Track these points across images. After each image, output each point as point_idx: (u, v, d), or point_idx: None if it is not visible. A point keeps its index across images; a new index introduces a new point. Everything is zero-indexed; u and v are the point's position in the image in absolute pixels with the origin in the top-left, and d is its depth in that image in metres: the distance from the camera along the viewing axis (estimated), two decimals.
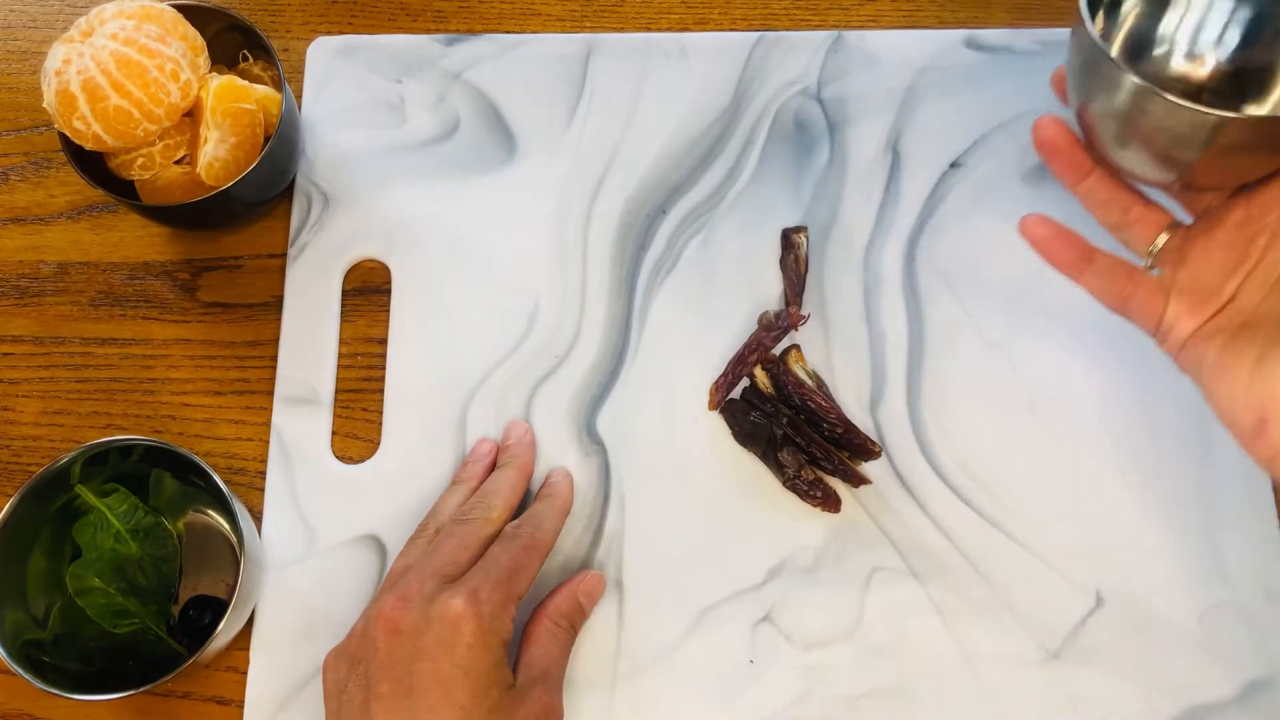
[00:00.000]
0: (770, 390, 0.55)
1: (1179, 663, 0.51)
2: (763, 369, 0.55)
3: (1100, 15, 0.48)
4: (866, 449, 0.53)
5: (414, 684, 0.44)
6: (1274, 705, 0.51)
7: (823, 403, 0.54)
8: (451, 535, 0.49)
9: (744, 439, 0.55)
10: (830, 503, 0.53)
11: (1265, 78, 0.47)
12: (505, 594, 0.47)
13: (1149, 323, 0.46)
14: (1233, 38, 0.48)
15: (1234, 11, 0.47)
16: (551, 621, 0.50)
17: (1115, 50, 0.49)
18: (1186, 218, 0.47)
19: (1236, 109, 0.44)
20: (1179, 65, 0.49)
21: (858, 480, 0.53)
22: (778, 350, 0.56)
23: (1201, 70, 0.48)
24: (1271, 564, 0.53)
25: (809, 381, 0.55)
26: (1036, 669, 0.52)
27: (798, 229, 0.58)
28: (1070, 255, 0.47)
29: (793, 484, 0.53)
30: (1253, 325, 0.42)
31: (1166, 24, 0.48)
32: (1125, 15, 0.49)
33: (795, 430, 0.54)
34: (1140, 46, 0.49)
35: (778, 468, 0.54)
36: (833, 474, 0.54)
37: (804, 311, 0.57)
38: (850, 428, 0.54)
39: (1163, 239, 0.46)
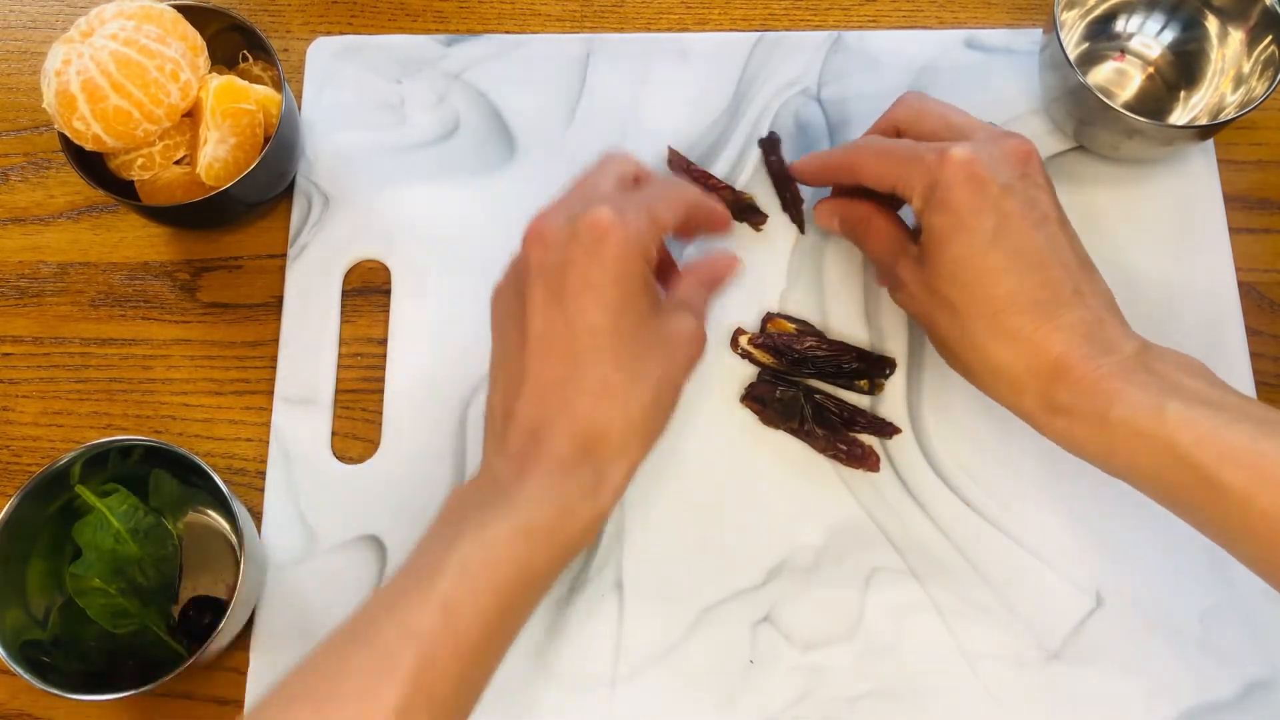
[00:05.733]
0: (774, 362, 0.55)
1: (1179, 663, 0.52)
2: (755, 347, 0.55)
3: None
4: (885, 427, 0.55)
5: (565, 287, 0.44)
6: (1274, 705, 0.51)
7: (826, 350, 0.55)
8: (583, 178, 0.50)
9: (775, 419, 0.55)
10: (870, 461, 0.54)
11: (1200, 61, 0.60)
12: (650, 216, 0.47)
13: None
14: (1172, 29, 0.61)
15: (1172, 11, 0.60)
16: (694, 279, 0.51)
17: (1082, 29, 0.61)
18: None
19: (1175, 96, 0.60)
20: (1134, 45, 0.61)
21: (890, 431, 0.54)
22: (751, 331, 0.57)
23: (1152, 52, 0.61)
24: None
25: (804, 333, 0.56)
26: (1036, 669, 0.52)
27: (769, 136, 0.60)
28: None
29: (833, 450, 0.54)
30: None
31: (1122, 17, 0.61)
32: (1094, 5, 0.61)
33: (824, 396, 0.55)
34: (1107, 21, 0.61)
35: (811, 438, 0.54)
36: (865, 430, 0.54)
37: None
38: (863, 354, 0.55)
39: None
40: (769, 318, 0.56)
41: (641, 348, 0.45)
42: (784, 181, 0.59)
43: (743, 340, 0.56)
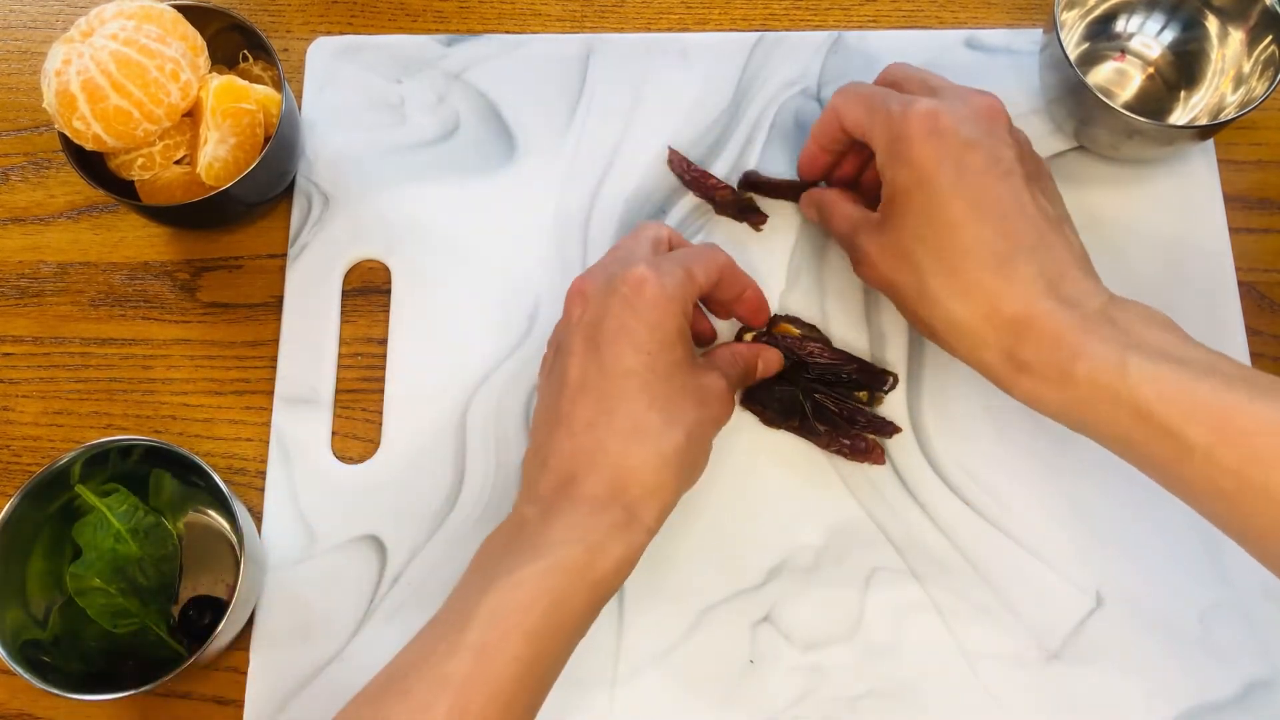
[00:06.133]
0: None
1: (1179, 663, 0.52)
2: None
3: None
4: (885, 426, 0.55)
5: (601, 339, 0.46)
6: (1274, 705, 0.51)
7: (828, 356, 0.55)
8: (620, 243, 0.51)
9: (776, 420, 0.55)
10: (874, 454, 0.54)
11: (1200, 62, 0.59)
12: (686, 272, 0.48)
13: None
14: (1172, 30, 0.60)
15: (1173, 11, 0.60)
16: (730, 352, 0.52)
17: (1082, 29, 0.61)
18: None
19: (1175, 96, 0.60)
20: (1134, 45, 0.61)
21: (890, 430, 0.54)
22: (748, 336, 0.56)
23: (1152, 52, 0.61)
24: None
25: (808, 338, 0.56)
26: (1036, 669, 0.52)
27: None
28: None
29: (836, 446, 0.54)
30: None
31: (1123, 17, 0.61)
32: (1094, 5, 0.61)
33: (823, 394, 0.55)
34: (1107, 21, 0.61)
35: (815, 435, 0.54)
36: (865, 428, 0.54)
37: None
38: (864, 365, 0.55)
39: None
40: (775, 321, 0.56)
41: (675, 391, 0.46)
42: (781, 191, 0.59)
43: (747, 338, 0.56)
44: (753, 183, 0.58)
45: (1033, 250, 0.45)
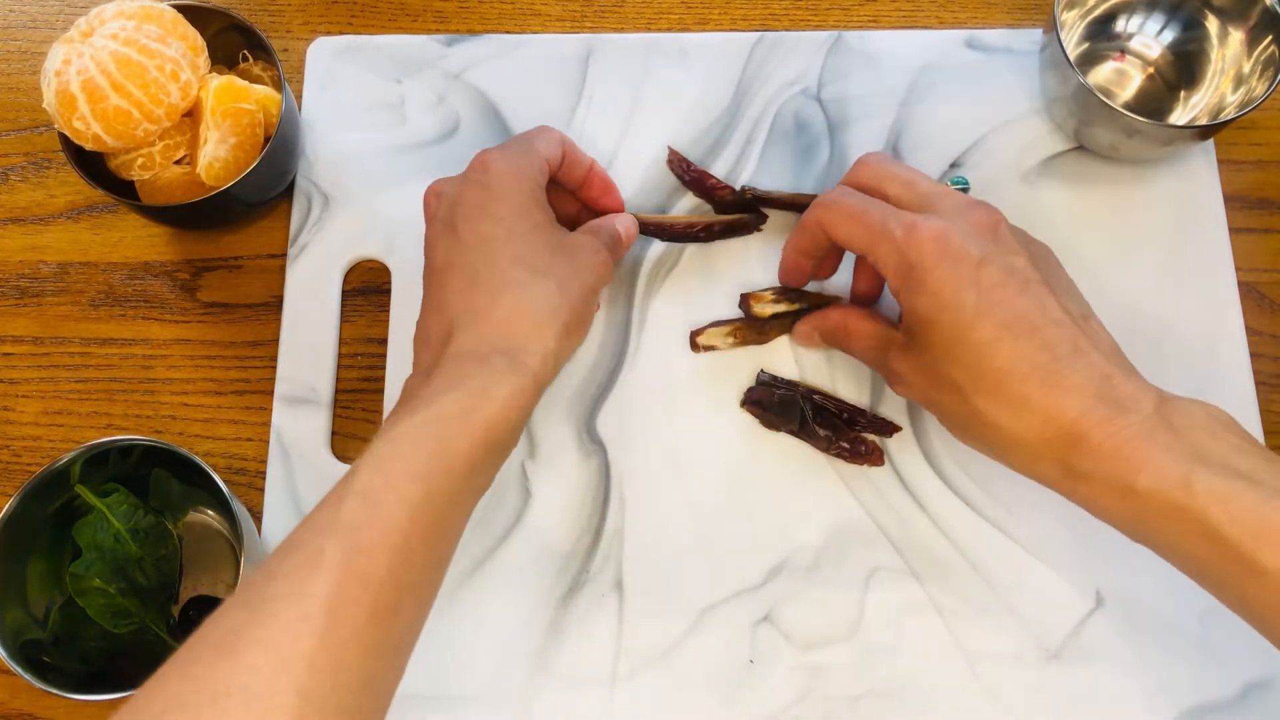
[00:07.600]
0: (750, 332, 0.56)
1: (1179, 663, 0.52)
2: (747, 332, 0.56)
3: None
4: (886, 426, 0.55)
5: (457, 219, 0.48)
6: (1274, 705, 0.51)
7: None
8: None
9: (776, 422, 0.55)
10: (874, 456, 0.54)
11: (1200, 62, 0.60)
12: (529, 147, 0.49)
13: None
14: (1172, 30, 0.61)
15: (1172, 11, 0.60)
16: (591, 223, 0.53)
17: (1082, 29, 0.61)
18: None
19: (1175, 96, 0.60)
20: (1134, 45, 0.61)
21: (890, 429, 0.55)
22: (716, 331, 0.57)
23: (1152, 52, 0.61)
24: None
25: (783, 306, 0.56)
26: (1036, 669, 0.52)
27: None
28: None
29: (836, 449, 0.54)
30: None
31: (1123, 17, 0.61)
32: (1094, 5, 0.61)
33: (822, 396, 0.55)
34: (1107, 21, 0.61)
35: (815, 438, 0.54)
36: (866, 429, 0.55)
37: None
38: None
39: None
40: (746, 298, 0.56)
41: (539, 248, 0.47)
42: (782, 204, 0.58)
43: (764, 302, 0.56)
44: (754, 197, 0.58)
45: (1072, 356, 0.44)
